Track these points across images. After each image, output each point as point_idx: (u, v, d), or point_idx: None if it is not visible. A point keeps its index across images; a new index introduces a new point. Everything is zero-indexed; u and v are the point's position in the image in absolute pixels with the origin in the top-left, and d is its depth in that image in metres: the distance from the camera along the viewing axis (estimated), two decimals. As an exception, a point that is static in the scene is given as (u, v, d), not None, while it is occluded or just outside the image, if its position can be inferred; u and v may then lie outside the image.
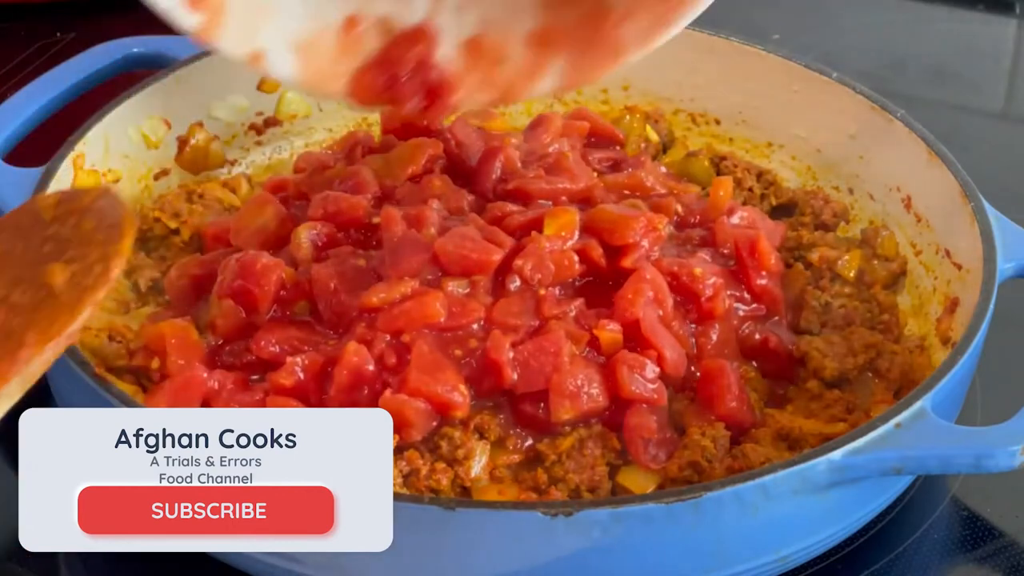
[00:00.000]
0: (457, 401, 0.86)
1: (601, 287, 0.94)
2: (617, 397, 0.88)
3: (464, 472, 0.85)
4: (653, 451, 0.87)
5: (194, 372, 0.87)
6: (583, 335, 0.89)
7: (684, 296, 0.94)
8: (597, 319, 0.90)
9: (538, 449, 0.88)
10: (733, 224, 1.00)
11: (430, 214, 0.95)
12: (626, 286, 0.91)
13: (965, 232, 0.95)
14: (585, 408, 0.87)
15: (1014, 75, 1.45)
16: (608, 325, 0.89)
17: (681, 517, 0.75)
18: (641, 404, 0.88)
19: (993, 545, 0.90)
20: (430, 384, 0.85)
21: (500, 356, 0.87)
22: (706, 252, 0.98)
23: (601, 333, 0.89)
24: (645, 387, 0.88)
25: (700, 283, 0.94)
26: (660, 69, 1.17)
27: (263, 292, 0.92)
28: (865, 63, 1.38)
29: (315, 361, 0.87)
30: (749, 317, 0.97)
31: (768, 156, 1.15)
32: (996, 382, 0.98)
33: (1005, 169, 1.24)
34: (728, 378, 0.90)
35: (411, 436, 0.85)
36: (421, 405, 0.85)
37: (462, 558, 0.77)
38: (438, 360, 0.87)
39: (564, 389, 0.87)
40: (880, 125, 1.07)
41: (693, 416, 0.90)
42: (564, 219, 0.96)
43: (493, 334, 0.88)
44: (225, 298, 0.92)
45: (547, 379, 0.87)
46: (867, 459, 0.78)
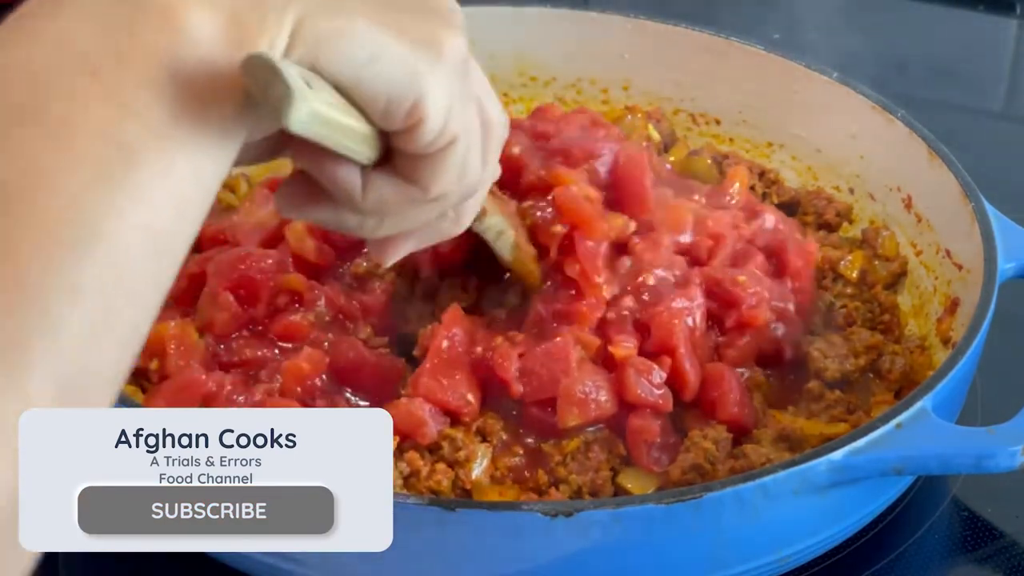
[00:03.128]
0: (466, 409, 0.86)
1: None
2: (623, 400, 0.88)
3: (465, 474, 0.85)
4: (656, 454, 0.87)
5: (193, 373, 0.87)
6: (593, 342, 0.89)
7: (721, 303, 0.93)
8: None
9: (542, 449, 0.88)
10: (767, 229, 0.99)
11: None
12: (667, 312, 0.90)
13: (965, 232, 0.95)
14: (593, 415, 0.87)
15: (1014, 75, 1.45)
16: (624, 342, 0.89)
17: (681, 517, 0.75)
18: (645, 408, 0.88)
19: (993, 545, 0.90)
20: (441, 391, 0.86)
21: (507, 374, 0.87)
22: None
23: (616, 350, 0.88)
24: (651, 392, 0.88)
25: (743, 291, 0.93)
26: (660, 69, 1.17)
27: (263, 280, 0.91)
28: (865, 63, 1.38)
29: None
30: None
31: (768, 156, 1.15)
32: (996, 382, 0.98)
33: (1005, 169, 1.24)
34: (730, 383, 0.90)
35: (426, 438, 0.85)
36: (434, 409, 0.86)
37: (462, 558, 0.77)
38: (455, 358, 0.87)
39: (573, 396, 0.86)
40: (880, 125, 1.07)
41: (694, 420, 0.89)
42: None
43: (500, 349, 0.87)
44: (223, 292, 0.92)
45: (555, 386, 0.86)
46: (867, 459, 0.78)
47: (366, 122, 0.62)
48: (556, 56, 1.19)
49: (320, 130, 0.59)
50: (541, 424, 0.87)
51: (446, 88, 0.63)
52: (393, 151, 0.65)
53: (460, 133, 0.65)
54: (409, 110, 0.62)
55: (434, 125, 0.63)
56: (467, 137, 0.66)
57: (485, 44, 1.17)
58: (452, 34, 0.64)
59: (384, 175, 0.66)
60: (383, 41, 0.60)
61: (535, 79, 1.20)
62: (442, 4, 0.65)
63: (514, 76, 1.20)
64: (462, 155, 0.66)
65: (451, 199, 0.69)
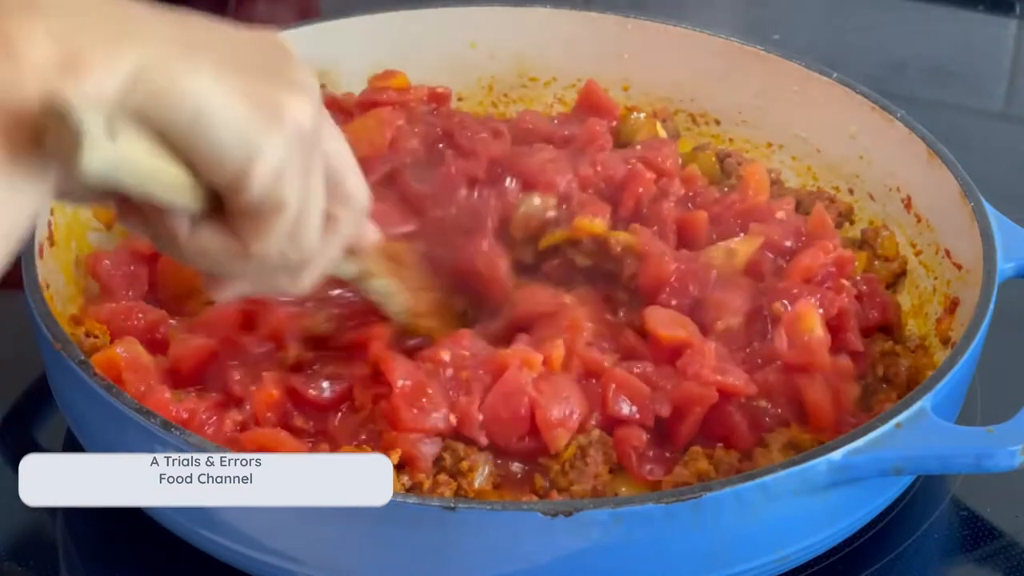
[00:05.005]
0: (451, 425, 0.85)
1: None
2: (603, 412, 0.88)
3: (468, 483, 0.85)
4: (648, 466, 0.87)
5: (159, 396, 0.85)
6: (535, 358, 0.87)
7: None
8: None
9: (540, 463, 0.87)
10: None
11: None
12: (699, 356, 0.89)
13: (965, 232, 0.95)
14: (576, 425, 0.86)
15: (1014, 75, 1.44)
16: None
17: (681, 517, 0.75)
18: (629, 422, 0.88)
19: (993, 545, 0.90)
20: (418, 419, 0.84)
21: (472, 431, 0.85)
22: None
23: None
24: (631, 408, 0.88)
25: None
26: (660, 69, 1.17)
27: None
28: (865, 63, 1.38)
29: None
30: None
31: (768, 156, 1.15)
32: (996, 382, 0.98)
33: (1005, 169, 1.24)
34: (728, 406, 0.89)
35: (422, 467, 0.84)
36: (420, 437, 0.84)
37: (462, 558, 0.77)
38: (419, 385, 0.85)
39: (551, 421, 0.85)
40: (880, 125, 1.07)
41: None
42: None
43: (459, 403, 0.85)
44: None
45: (526, 423, 0.86)
46: (867, 459, 0.78)
47: (188, 174, 0.62)
48: (556, 56, 1.19)
49: (123, 179, 0.59)
50: (530, 452, 0.87)
51: (278, 154, 0.63)
52: (223, 203, 0.65)
53: (290, 201, 0.65)
54: (235, 171, 0.62)
55: (259, 188, 0.63)
56: (302, 205, 0.66)
57: (485, 44, 1.18)
58: (298, 102, 0.64)
59: (210, 226, 0.66)
60: (218, 102, 0.61)
61: (535, 79, 1.20)
62: (295, 71, 0.66)
63: (514, 76, 1.20)
64: (290, 222, 0.66)
65: (281, 260, 0.68)
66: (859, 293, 0.97)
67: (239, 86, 0.62)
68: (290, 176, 0.64)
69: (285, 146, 0.63)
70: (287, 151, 0.63)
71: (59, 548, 0.89)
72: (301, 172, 0.65)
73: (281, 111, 0.63)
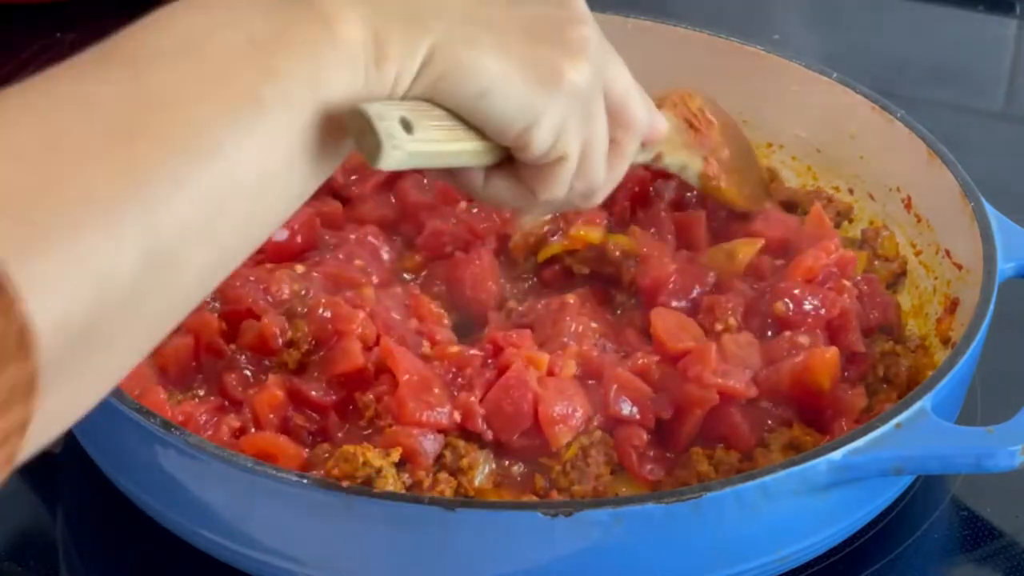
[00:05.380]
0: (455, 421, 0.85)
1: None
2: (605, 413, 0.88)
3: (468, 481, 0.84)
4: (649, 466, 0.87)
5: (155, 398, 0.84)
6: (542, 359, 0.87)
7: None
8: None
9: (541, 462, 0.87)
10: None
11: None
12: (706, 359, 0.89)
13: (965, 232, 0.95)
14: (578, 424, 0.86)
15: (1014, 75, 1.44)
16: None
17: (681, 517, 0.75)
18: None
19: (993, 545, 0.90)
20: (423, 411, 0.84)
21: (476, 425, 0.85)
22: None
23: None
24: (632, 409, 0.88)
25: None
26: (660, 69, 1.16)
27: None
28: (865, 63, 1.38)
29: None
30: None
31: (768, 156, 1.15)
32: (996, 382, 0.98)
33: (1005, 169, 1.24)
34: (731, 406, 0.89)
35: (423, 464, 0.84)
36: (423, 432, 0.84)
37: (462, 558, 0.77)
38: (425, 379, 0.86)
39: (553, 418, 0.85)
40: (880, 125, 1.07)
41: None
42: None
43: (460, 398, 0.85)
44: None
45: (527, 419, 0.85)
46: (867, 459, 0.78)
47: (480, 139, 0.68)
48: (556, 56, 1.19)
49: (420, 162, 0.66)
50: (531, 450, 0.87)
51: (558, 116, 0.68)
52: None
53: (570, 152, 0.71)
54: (518, 134, 0.68)
55: (540, 148, 0.69)
56: (587, 149, 0.72)
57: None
58: (575, 66, 0.69)
59: (501, 175, 0.73)
60: (502, 77, 0.66)
61: (535, 79, 1.20)
62: (572, 24, 0.70)
63: (514, 76, 1.20)
64: (571, 170, 0.72)
65: (567, 200, 0.75)
66: (859, 293, 0.97)
67: (520, 58, 0.67)
68: (571, 129, 0.70)
69: (565, 107, 0.69)
70: (567, 110, 0.69)
71: (59, 548, 0.89)
72: (581, 122, 0.71)
73: (560, 77, 0.68)
